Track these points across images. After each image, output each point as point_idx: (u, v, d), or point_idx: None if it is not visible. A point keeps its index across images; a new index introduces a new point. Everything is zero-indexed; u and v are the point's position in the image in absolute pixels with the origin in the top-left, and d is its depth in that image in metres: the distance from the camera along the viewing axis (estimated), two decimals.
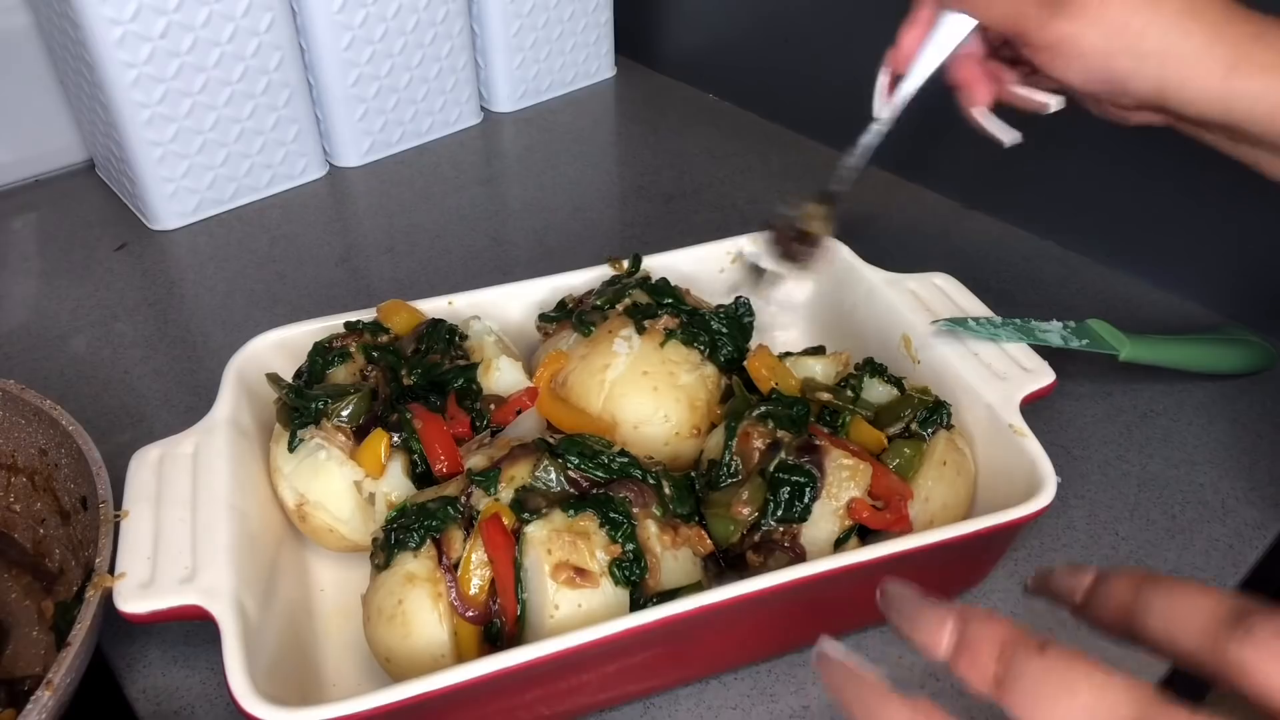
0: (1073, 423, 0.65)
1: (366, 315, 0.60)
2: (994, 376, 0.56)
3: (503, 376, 0.57)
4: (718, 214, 0.85)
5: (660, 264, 0.65)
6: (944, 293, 0.63)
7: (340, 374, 0.56)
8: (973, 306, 0.62)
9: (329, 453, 0.53)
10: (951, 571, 0.53)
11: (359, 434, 0.54)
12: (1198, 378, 0.67)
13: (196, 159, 0.84)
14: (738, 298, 0.62)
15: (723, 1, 1.02)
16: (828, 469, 0.50)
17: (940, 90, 0.55)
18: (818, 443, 0.50)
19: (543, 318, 0.62)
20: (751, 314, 0.61)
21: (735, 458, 0.52)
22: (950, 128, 0.57)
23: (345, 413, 0.53)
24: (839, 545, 0.49)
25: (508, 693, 0.44)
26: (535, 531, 0.46)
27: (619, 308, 0.59)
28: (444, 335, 0.58)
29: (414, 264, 0.82)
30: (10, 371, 0.56)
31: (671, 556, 0.48)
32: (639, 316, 0.58)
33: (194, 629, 0.49)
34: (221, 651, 0.42)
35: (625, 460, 0.49)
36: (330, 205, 0.91)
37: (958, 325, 0.59)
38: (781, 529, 0.49)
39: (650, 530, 0.48)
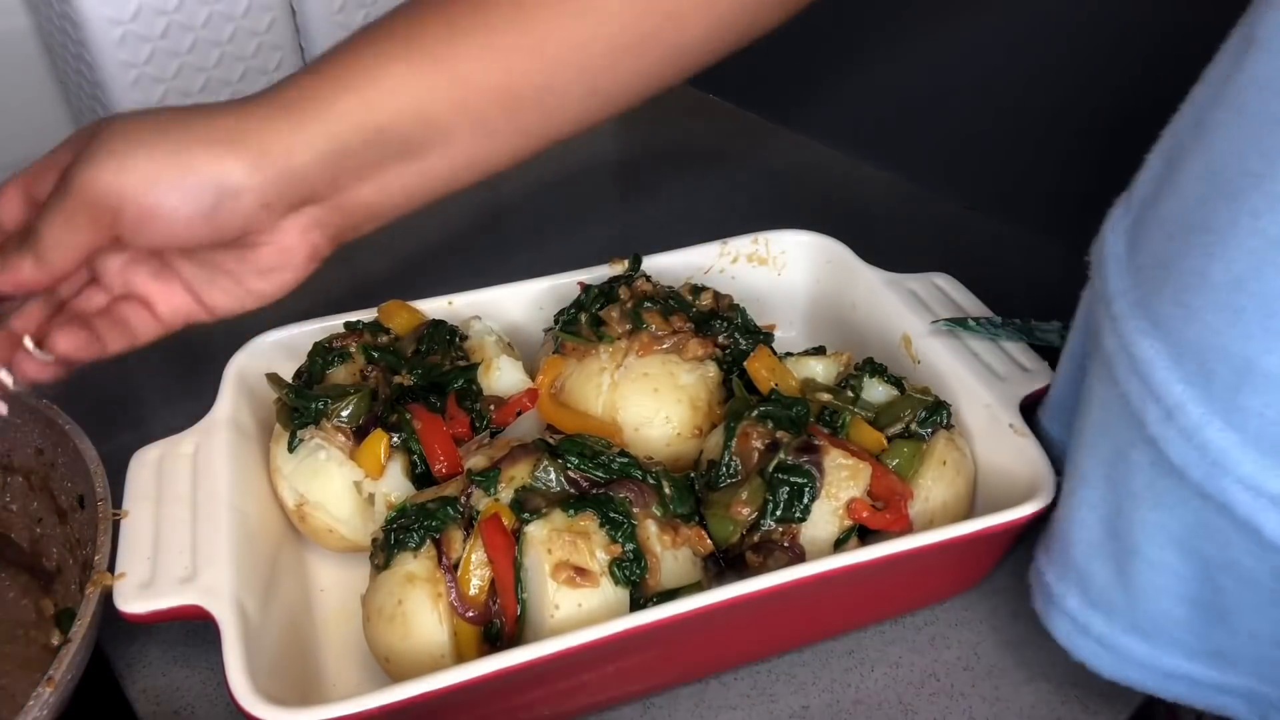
0: None
1: (366, 315, 0.60)
2: (994, 376, 0.56)
3: (503, 377, 0.57)
4: (717, 214, 0.85)
5: (660, 264, 0.65)
6: (944, 293, 0.63)
7: (340, 374, 0.56)
8: (973, 306, 0.62)
9: (329, 453, 0.53)
10: (951, 571, 0.53)
11: (359, 434, 0.54)
12: None
13: None
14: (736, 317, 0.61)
15: None
16: (827, 469, 0.50)
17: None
18: (817, 443, 0.50)
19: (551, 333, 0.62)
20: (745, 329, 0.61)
21: (735, 458, 0.52)
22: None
23: (345, 413, 0.53)
24: (839, 545, 0.49)
25: (508, 693, 0.44)
26: (535, 531, 0.46)
27: (611, 311, 0.59)
28: (444, 336, 0.58)
29: (414, 264, 0.82)
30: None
31: (671, 556, 0.48)
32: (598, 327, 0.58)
33: (194, 629, 0.49)
34: (221, 651, 0.42)
35: (625, 460, 0.49)
36: None
37: (957, 325, 0.59)
38: (781, 529, 0.49)
39: (650, 530, 0.48)
